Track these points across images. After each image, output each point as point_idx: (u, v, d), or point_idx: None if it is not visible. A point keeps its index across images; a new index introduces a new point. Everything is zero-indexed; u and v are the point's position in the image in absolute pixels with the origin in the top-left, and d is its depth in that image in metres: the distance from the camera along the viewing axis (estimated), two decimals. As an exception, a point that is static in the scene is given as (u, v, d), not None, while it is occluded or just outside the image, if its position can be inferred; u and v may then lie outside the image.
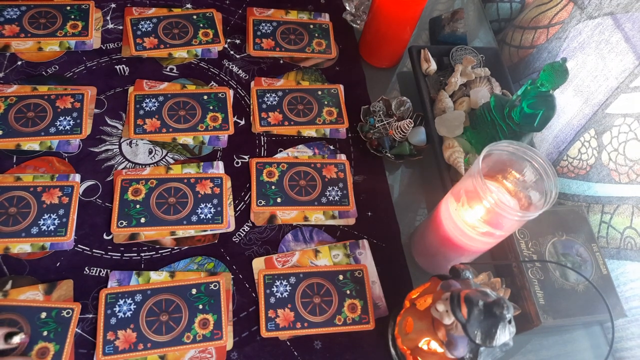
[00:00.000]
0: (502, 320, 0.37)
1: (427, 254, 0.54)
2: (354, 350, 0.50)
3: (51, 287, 0.47)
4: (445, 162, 0.59)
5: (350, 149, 0.62)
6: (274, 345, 0.49)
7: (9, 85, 0.57)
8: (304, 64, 0.67)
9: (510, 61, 0.77)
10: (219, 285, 0.50)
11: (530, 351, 0.54)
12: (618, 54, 0.59)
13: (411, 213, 0.60)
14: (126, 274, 0.49)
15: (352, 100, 0.65)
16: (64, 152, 0.55)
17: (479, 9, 0.82)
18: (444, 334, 0.39)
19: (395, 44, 0.67)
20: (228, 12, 0.69)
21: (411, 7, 0.61)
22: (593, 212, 0.61)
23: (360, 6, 0.72)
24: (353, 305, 0.51)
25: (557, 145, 0.67)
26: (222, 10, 0.69)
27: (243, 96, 0.63)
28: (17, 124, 0.55)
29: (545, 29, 0.70)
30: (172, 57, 0.64)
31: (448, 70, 0.67)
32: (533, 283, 0.52)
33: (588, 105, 0.63)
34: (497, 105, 0.57)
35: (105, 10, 0.66)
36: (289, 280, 0.51)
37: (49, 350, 0.44)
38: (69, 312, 0.46)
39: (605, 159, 0.60)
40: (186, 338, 0.47)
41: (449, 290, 0.40)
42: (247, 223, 0.54)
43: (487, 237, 0.45)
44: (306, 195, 0.57)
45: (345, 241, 0.55)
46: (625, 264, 0.58)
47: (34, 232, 0.49)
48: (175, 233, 0.52)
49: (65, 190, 0.52)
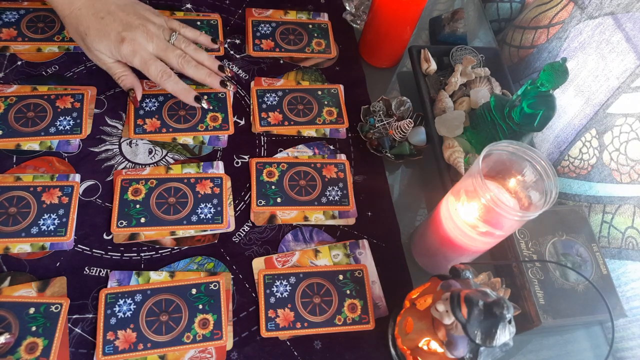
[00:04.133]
0: (502, 320, 0.37)
1: (427, 254, 0.54)
2: (354, 350, 0.50)
3: (44, 284, 0.47)
4: (445, 162, 0.59)
5: (350, 149, 0.62)
6: (274, 345, 0.49)
7: (9, 85, 0.57)
8: (304, 64, 0.67)
9: (510, 61, 0.77)
10: (218, 285, 0.50)
11: (530, 351, 0.54)
12: (619, 54, 0.59)
13: (411, 213, 0.60)
14: (126, 274, 0.49)
15: (352, 100, 0.65)
16: (64, 152, 0.55)
17: (479, 9, 0.82)
18: (444, 334, 0.39)
19: (395, 44, 0.67)
20: (228, 12, 0.69)
21: (411, 7, 0.61)
22: (594, 212, 0.61)
23: (360, 6, 0.72)
24: (353, 305, 0.51)
25: (558, 145, 0.67)
26: (222, 10, 0.69)
27: (243, 96, 0.63)
28: (17, 124, 0.55)
29: (545, 29, 0.70)
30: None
31: (448, 70, 0.67)
32: (533, 283, 0.52)
33: (589, 105, 0.63)
34: (497, 105, 0.57)
35: (106, 10, 0.66)
36: (289, 280, 0.51)
37: (37, 345, 0.44)
38: (57, 307, 0.46)
39: (607, 159, 0.60)
40: (186, 338, 0.47)
41: (449, 290, 0.40)
42: (247, 223, 0.54)
43: (487, 237, 0.45)
44: (306, 195, 0.57)
45: (345, 241, 0.55)
46: (626, 263, 0.58)
47: (34, 232, 0.49)
48: (175, 233, 0.52)
49: (65, 190, 0.52)
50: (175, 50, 0.55)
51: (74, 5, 0.53)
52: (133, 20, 0.54)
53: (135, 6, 0.56)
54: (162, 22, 0.57)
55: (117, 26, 0.53)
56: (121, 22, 0.53)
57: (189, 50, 0.57)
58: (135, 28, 0.53)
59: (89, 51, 0.56)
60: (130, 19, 0.54)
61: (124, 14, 0.54)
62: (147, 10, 0.57)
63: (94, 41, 0.53)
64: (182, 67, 0.55)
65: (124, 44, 0.53)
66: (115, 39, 0.53)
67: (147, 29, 0.54)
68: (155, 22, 0.56)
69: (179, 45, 0.56)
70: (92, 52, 0.55)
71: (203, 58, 0.57)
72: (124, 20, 0.53)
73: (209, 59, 0.58)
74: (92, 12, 0.53)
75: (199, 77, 0.56)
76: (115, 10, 0.54)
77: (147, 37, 0.54)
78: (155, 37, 0.54)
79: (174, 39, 0.56)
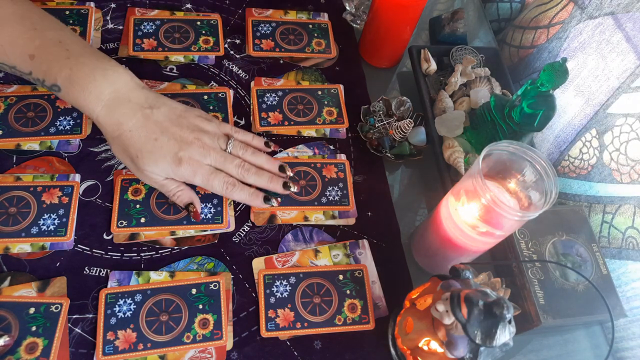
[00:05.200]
0: (502, 320, 0.37)
1: (427, 254, 0.54)
2: (354, 350, 0.50)
3: (44, 284, 0.47)
4: (445, 162, 0.59)
5: (350, 148, 0.62)
6: (274, 345, 0.49)
7: (9, 85, 0.57)
8: (304, 64, 0.67)
9: (510, 61, 0.77)
10: (218, 285, 0.50)
11: (531, 351, 0.54)
12: (619, 54, 0.59)
13: (411, 213, 0.60)
14: (126, 274, 0.49)
15: (352, 100, 0.65)
16: (64, 152, 0.55)
17: (479, 9, 0.82)
18: (444, 334, 0.39)
19: (395, 44, 0.67)
20: (228, 12, 0.69)
21: (411, 7, 0.61)
22: (594, 212, 0.61)
23: (360, 6, 0.72)
24: (353, 305, 0.51)
25: (558, 145, 0.67)
26: (222, 10, 0.69)
27: (243, 96, 0.63)
28: (17, 123, 0.55)
29: (545, 29, 0.70)
30: (168, 60, 0.63)
31: (448, 70, 0.67)
32: (533, 283, 0.52)
33: (589, 105, 0.63)
34: (497, 105, 0.57)
35: (105, 10, 0.66)
36: (289, 280, 0.51)
37: (37, 345, 0.44)
38: (57, 306, 0.46)
39: (607, 159, 0.60)
40: (186, 338, 0.47)
41: (449, 290, 0.40)
42: (247, 223, 0.54)
43: (487, 237, 0.45)
44: (306, 195, 0.57)
45: (345, 241, 0.55)
46: (626, 263, 0.58)
47: (34, 232, 0.49)
48: (175, 233, 0.52)
49: (65, 190, 0.52)
50: (234, 160, 0.52)
51: (123, 127, 0.48)
52: (187, 135, 0.50)
53: (187, 115, 0.51)
54: (215, 129, 0.52)
55: (172, 147, 0.49)
56: (176, 142, 0.49)
57: (247, 157, 0.53)
58: (190, 144, 0.49)
59: (139, 172, 0.50)
60: (184, 134, 0.50)
61: (177, 129, 0.50)
62: (198, 117, 0.52)
63: (147, 164, 0.49)
64: (243, 177, 0.52)
65: (182, 165, 0.49)
66: (172, 161, 0.49)
67: (203, 143, 0.50)
68: (210, 130, 0.52)
69: (237, 153, 0.53)
70: (144, 174, 0.50)
71: (262, 162, 0.54)
72: (178, 138, 0.49)
73: (268, 162, 0.55)
74: (144, 134, 0.48)
75: (261, 185, 0.53)
76: (168, 126, 0.49)
77: (203, 152, 0.50)
78: (212, 150, 0.50)
79: (231, 147, 0.52)
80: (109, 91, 0.48)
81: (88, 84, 0.48)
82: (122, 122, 0.48)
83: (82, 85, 0.47)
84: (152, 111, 0.50)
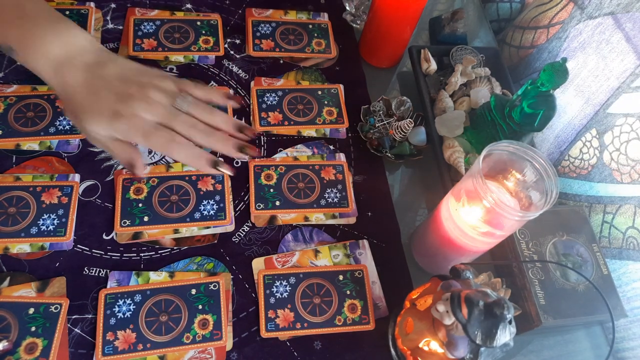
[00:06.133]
0: (502, 320, 0.37)
1: (427, 254, 0.54)
2: (354, 351, 0.50)
3: (44, 284, 0.47)
4: (445, 162, 0.59)
5: (350, 148, 0.62)
6: (273, 346, 0.48)
7: (9, 85, 0.57)
8: (304, 64, 0.67)
9: (511, 61, 0.77)
10: (218, 286, 0.50)
11: (531, 351, 0.54)
12: (619, 54, 0.59)
13: (411, 213, 0.60)
14: (125, 274, 0.49)
15: (352, 100, 0.65)
16: (64, 152, 0.55)
17: (479, 9, 0.82)
18: (444, 334, 0.39)
19: (395, 44, 0.67)
20: (228, 12, 0.69)
21: (411, 7, 0.61)
22: (595, 212, 0.61)
23: (360, 6, 0.72)
24: (353, 305, 0.51)
25: (558, 145, 0.67)
26: (222, 10, 0.69)
27: (243, 96, 0.63)
28: (16, 123, 0.55)
29: (545, 29, 0.70)
30: (168, 60, 0.63)
31: (448, 70, 0.67)
32: (533, 283, 0.51)
33: (589, 105, 0.63)
34: (497, 105, 0.57)
35: (105, 10, 0.66)
36: (289, 281, 0.51)
37: (37, 346, 0.44)
38: (57, 307, 0.46)
39: (607, 159, 0.60)
40: (186, 338, 0.47)
41: (449, 290, 0.40)
42: (247, 223, 0.54)
43: (487, 237, 0.45)
44: (305, 197, 0.57)
45: (345, 241, 0.55)
46: (627, 264, 0.57)
47: (34, 232, 0.49)
48: (178, 231, 0.52)
49: (64, 190, 0.52)
50: (180, 115, 0.46)
51: (68, 85, 0.45)
52: (132, 90, 0.45)
53: (141, 74, 0.47)
54: (169, 85, 0.47)
55: (110, 101, 0.44)
56: (116, 96, 0.45)
57: (199, 114, 0.47)
58: (131, 98, 0.45)
59: (85, 132, 0.46)
60: (128, 89, 0.45)
61: (122, 84, 0.45)
62: (155, 76, 0.47)
63: (87, 122, 0.45)
64: (190, 135, 0.47)
65: (120, 120, 0.44)
66: (109, 116, 0.44)
67: (147, 97, 0.45)
68: (161, 86, 0.46)
69: (187, 109, 0.47)
70: (88, 134, 0.46)
71: (218, 121, 0.48)
72: (120, 93, 0.45)
73: (226, 122, 0.49)
74: (86, 91, 0.45)
75: (210, 145, 0.47)
76: (113, 82, 0.45)
77: (146, 107, 0.45)
78: (157, 105, 0.45)
79: (180, 102, 0.47)
80: (60, 52, 0.45)
81: (40, 46, 0.45)
82: (67, 80, 0.45)
83: (34, 47, 0.45)
84: (100, 69, 0.46)
